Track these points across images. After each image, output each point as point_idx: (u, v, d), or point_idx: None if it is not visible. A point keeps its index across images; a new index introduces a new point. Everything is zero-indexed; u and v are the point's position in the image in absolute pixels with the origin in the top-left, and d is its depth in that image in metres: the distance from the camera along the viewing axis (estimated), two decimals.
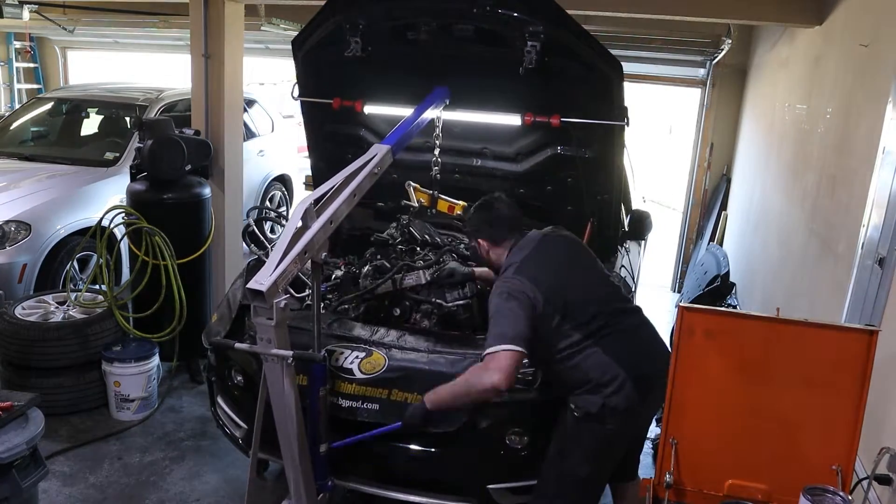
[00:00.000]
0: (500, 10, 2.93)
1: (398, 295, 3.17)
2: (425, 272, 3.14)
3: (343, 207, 2.61)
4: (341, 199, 2.60)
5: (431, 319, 3.17)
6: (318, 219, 2.50)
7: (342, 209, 2.61)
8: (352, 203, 2.68)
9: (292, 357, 2.33)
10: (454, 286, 3.11)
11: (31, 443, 2.65)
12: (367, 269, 3.29)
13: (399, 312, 3.17)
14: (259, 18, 6.54)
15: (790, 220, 4.59)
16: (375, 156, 2.83)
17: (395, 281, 3.12)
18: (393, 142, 2.94)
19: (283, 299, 2.30)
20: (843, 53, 3.82)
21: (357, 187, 2.69)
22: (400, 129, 3.05)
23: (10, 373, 3.99)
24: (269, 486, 3.43)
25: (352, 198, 2.66)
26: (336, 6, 3.24)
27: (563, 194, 3.71)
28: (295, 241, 2.39)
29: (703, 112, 7.49)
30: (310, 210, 2.49)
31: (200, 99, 4.89)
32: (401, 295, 3.17)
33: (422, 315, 3.19)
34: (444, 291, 3.13)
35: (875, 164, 3.04)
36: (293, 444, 2.47)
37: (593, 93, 3.14)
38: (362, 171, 2.75)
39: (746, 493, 2.44)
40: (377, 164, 2.81)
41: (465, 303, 3.10)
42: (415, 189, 3.53)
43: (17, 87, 10.24)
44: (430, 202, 3.55)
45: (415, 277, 3.13)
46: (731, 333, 2.48)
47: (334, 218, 2.56)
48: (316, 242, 2.46)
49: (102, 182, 5.31)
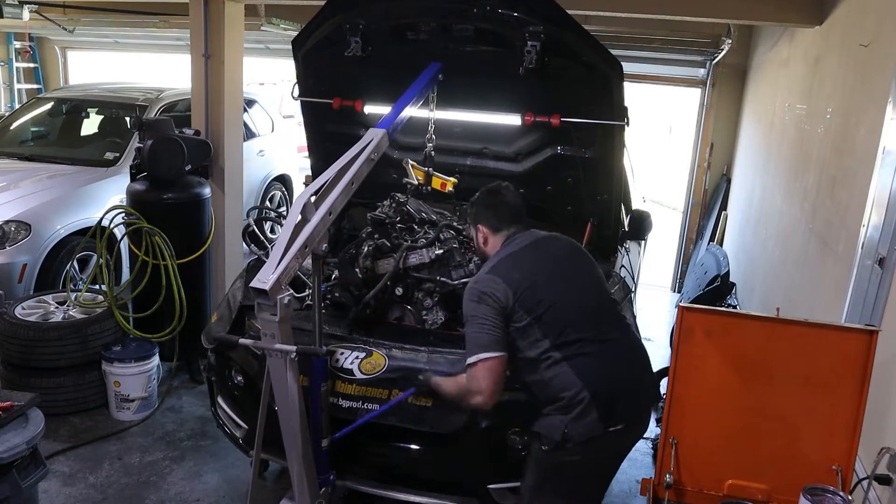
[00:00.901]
0: (500, 10, 2.93)
1: (400, 274, 3.11)
2: (429, 250, 3.09)
3: (341, 197, 2.58)
4: (339, 189, 2.57)
5: (434, 298, 3.13)
6: (318, 211, 2.48)
7: (341, 199, 2.58)
8: (350, 192, 2.64)
9: (296, 352, 2.36)
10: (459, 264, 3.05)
11: (31, 443, 2.64)
12: (367, 248, 3.22)
13: (402, 292, 3.12)
14: (259, 18, 6.54)
15: (790, 220, 4.59)
16: (371, 141, 2.78)
17: (397, 260, 3.07)
18: (388, 125, 2.88)
19: (286, 295, 2.32)
20: (843, 53, 3.82)
21: (355, 175, 2.65)
22: (395, 111, 2.98)
23: (10, 373, 3.99)
24: (270, 487, 3.43)
25: (350, 186, 2.62)
26: (336, 6, 3.24)
27: (563, 194, 3.70)
28: (295, 235, 2.39)
29: (703, 112, 7.50)
30: (308, 204, 2.48)
31: (200, 99, 4.89)
32: (403, 274, 3.11)
33: (424, 294, 3.15)
34: (449, 269, 3.09)
35: (875, 164, 3.04)
36: (297, 438, 2.48)
37: (593, 93, 3.14)
38: (359, 158, 2.70)
39: (746, 493, 2.44)
40: (374, 150, 2.75)
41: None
42: (412, 167, 3.49)
43: (17, 87, 10.23)
44: (425, 179, 3.46)
45: (418, 256, 3.09)
46: (731, 333, 2.48)
47: (333, 209, 2.53)
48: (316, 235, 2.45)
49: (102, 182, 5.30)
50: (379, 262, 3.17)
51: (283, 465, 2.93)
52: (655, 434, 3.98)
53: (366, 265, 3.15)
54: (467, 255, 3.16)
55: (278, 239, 2.43)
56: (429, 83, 3.17)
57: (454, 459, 2.76)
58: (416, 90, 3.09)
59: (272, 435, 2.64)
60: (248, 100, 6.62)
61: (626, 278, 3.64)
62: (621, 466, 2.48)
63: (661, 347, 5.52)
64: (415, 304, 3.19)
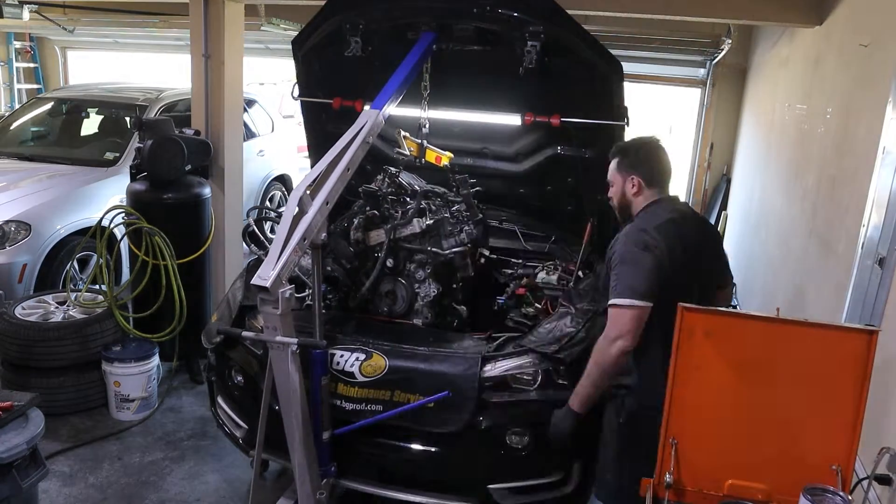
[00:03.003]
0: (500, 10, 2.93)
1: (391, 246, 3.07)
2: (420, 220, 3.04)
3: (338, 185, 2.56)
4: (335, 177, 2.55)
5: (426, 270, 3.10)
6: (315, 201, 2.47)
7: (337, 187, 2.56)
8: (346, 178, 2.62)
9: (297, 344, 2.38)
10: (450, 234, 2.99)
11: (31, 443, 2.65)
12: (358, 220, 3.17)
13: (392, 264, 3.08)
14: (259, 18, 6.54)
15: (790, 220, 4.59)
16: (366, 123, 2.73)
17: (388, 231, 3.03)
18: (382, 105, 2.83)
19: (287, 289, 2.33)
20: (843, 53, 3.82)
21: (350, 161, 2.62)
22: (389, 89, 2.92)
23: (10, 373, 3.99)
24: (270, 487, 3.43)
25: (346, 172, 2.60)
26: (336, 6, 3.24)
27: (563, 194, 3.70)
28: (294, 228, 2.39)
29: (703, 112, 7.50)
30: (305, 196, 2.46)
31: (200, 99, 4.89)
32: (394, 245, 3.07)
33: (416, 266, 3.12)
34: (441, 239, 3.04)
35: (875, 164, 3.04)
36: (298, 430, 2.49)
37: (593, 93, 3.14)
38: (354, 142, 2.66)
39: (746, 493, 2.43)
40: (368, 133, 2.72)
41: (462, 250, 3.00)
42: (405, 138, 3.42)
43: (17, 87, 10.24)
44: (418, 152, 3.40)
45: (409, 227, 3.05)
46: (732, 333, 2.47)
47: (330, 198, 2.52)
48: (314, 226, 2.44)
49: (102, 182, 5.31)
50: (370, 233, 3.11)
51: (284, 464, 2.93)
52: None
53: (357, 237, 3.10)
54: (458, 226, 3.12)
55: (277, 233, 2.43)
56: (423, 55, 3.08)
57: (454, 460, 2.76)
58: (410, 64, 3.00)
59: (272, 434, 2.64)
60: (248, 100, 6.62)
61: None
62: None
63: None
64: (407, 277, 3.15)
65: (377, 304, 3.23)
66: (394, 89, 2.91)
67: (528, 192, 3.83)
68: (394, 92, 2.90)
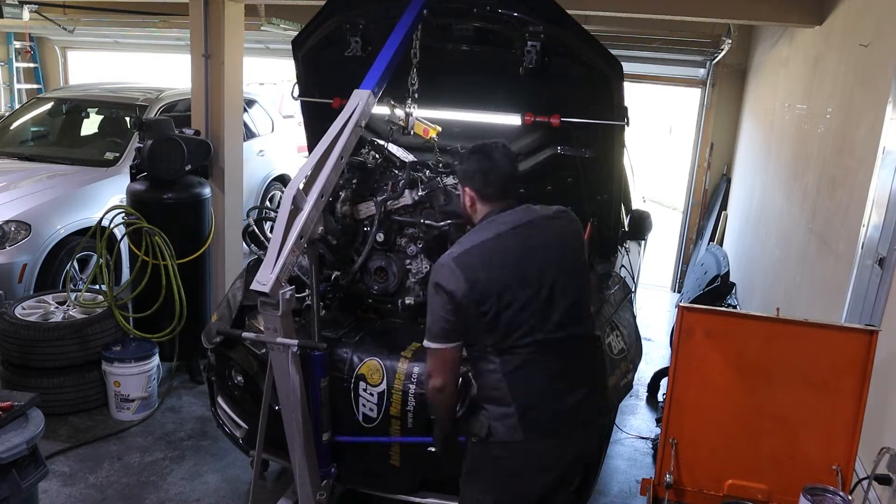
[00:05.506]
0: (500, 10, 2.93)
1: (382, 219, 2.92)
2: (412, 191, 2.91)
3: (332, 175, 2.49)
4: (329, 168, 2.49)
5: (419, 245, 3.00)
6: (309, 196, 2.43)
7: (332, 177, 2.49)
8: (340, 167, 2.54)
9: (297, 345, 2.38)
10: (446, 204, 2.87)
11: (31, 443, 2.64)
12: (344, 193, 2.99)
13: (383, 238, 2.97)
14: (259, 18, 6.54)
15: (790, 220, 4.59)
16: (357, 106, 2.59)
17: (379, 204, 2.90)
18: (373, 84, 2.69)
19: (287, 290, 2.32)
20: (843, 53, 3.82)
21: (343, 148, 2.53)
22: (379, 66, 2.74)
23: (10, 373, 3.99)
24: (270, 486, 3.43)
25: (340, 161, 2.52)
26: (336, 6, 3.23)
27: (563, 194, 3.70)
28: (290, 227, 2.36)
29: (703, 112, 7.50)
30: (299, 193, 2.40)
31: (200, 99, 4.89)
32: (385, 218, 2.93)
33: (408, 240, 3.02)
34: (435, 212, 2.91)
35: (875, 164, 3.04)
36: (299, 431, 2.49)
37: (593, 93, 3.14)
38: (346, 128, 2.56)
39: (746, 493, 2.44)
40: (360, 116, 2.60)
41: (459, 222, 2.88)
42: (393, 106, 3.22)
43: (17, 87, 10.24)
44: (406, 122, 3.21)
45: (401, 199, 2.93)
46: (731, 333, 2.48)
47: (325, 190, 2.47)
48: (310, 222, 2.41)
49: (102, 182, 5.30)
50: (358, 206, 2.99)
51: (284, 464, 2.93)
52: (655, 434, 3.98)
53: (344, 211, 2.98)
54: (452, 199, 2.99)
55: (273, 234, 2.39)
56: (413, 23, 2.90)
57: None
58: (401, 35, 2.83)
59: (272, 434, 2.64)
60: (248, 100, 6.63)
61: (626, 278, 3.64)
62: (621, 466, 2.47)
63: (661, 347, 5.53)
64: (398, 253, 3.07)
65: (367, 282, 3.11)
66: (384, 65, 2.75)
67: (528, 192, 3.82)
68: (384, 68, 2.75)
